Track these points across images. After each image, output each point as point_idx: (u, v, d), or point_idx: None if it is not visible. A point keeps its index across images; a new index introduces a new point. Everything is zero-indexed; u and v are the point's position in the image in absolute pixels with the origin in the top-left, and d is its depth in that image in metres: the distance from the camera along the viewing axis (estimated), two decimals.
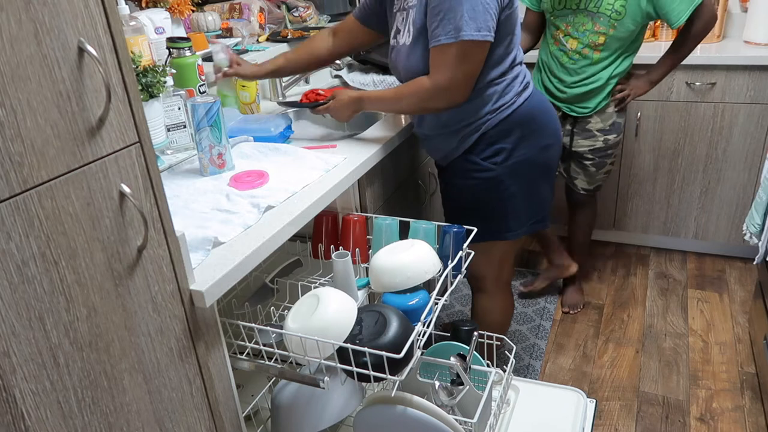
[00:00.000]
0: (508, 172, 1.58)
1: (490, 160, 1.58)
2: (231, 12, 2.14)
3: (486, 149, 1.57)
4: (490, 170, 1.58)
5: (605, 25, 2.03)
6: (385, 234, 1.42)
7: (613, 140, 2.26)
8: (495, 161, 1.57)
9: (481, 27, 1.37)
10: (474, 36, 1.37)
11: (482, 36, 1.38)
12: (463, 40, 1.37)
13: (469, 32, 1.37)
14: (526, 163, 1.59)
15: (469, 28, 1.36)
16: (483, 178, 1.60)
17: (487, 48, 1.44)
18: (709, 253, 2.89)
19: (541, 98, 1.64)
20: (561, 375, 2.21)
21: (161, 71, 1.43)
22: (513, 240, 1.70)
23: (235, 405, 1.18)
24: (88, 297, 0.83)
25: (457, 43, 1.38)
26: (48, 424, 0.80)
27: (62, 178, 0.78)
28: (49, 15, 0.74)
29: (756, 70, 2.41)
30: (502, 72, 1.52)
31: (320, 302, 1.11)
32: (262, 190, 1.32)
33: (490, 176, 1.59)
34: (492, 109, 1.54)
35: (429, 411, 1.16)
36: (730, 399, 2.05)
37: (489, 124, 1.55)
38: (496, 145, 1.56)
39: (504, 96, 1.54)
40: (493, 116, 1.54)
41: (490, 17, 1.38)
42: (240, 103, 1.92)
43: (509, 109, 1.54)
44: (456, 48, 1.39)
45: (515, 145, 1.56)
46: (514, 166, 1.58)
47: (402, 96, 1.52)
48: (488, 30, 1.39)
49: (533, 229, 1.71)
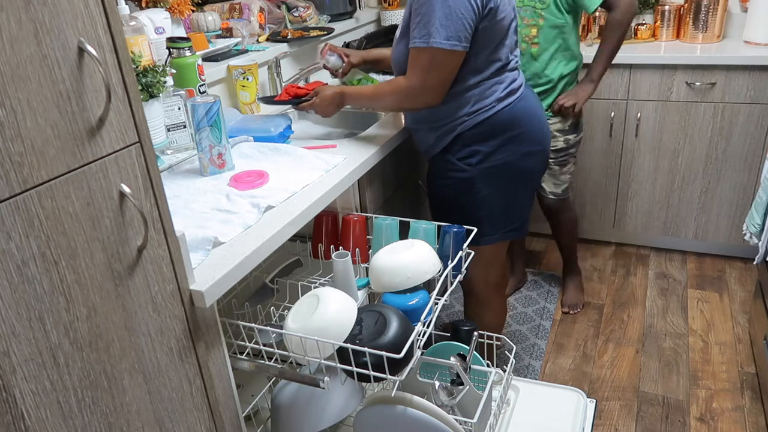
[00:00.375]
0: (481, 175, 1.58)
1: (464, 160, 1.59)
2: (231, 12, 2.14)
3: (461, 150, 1.58)
4: (464, 171, 1.59)
5: (532, 16, 2.09)
6: (385, 234, 1.42)
7: (574, 140, 2.29)
8: (469, 162, 1.58)
9: (451, 36, 1.39)
10: (442, 44, 1.39)
11: (451, 45, 1.40)
12: (432, 46, 1.40)
13: (438, 40, 1.39)
14: (503, 167, 1.59)
15: (439, 35, 1.38)
16: (457, 178, 1.61)
17: (460, 57, 1.44)
18: (709, 253, 2.89)
19: (530, 105, 1.63)
20: (561, 375, 2.21)
21: (161, 71, 1.43)
22: (494, 244, 1.69)
23: (235, 405, 1.18)
24: (88, 297, 0.83)
25: (428, 49, 1.41)
26: (48, 424, 0.80)
27: (62, 178, 0.78)
28: (49, 15, 0.74)
29: (756, 70, 2.41)
30: (482, 78, 1.52)
31: (320, 302, 1.11)
32: (262, 190, 1.32)
33: (463, 177, 1.60)
34: (469, 112, 1.54)
35: (429, 411, 1.16)
36: (730, 399, 2.05)
37: (465, 126, 1.55)
38: (471, 146, 1.57)
39: (483, 100, 1.54)
40: (470, 118, 1.55)
41: (463, 27, 1.39)
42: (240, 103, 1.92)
43: (487, 113, 1.54)
44: (427, 53, 1.42)
45: (494, 149, 1.57)
46: (489, 170, 1.58)
47: (380, 94, 1.56)
48: (459, 40, 1.40)
49: (509, 236, 1.70)
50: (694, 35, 2.71)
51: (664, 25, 2.79)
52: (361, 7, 2.91)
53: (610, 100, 2.66)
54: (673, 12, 2.76)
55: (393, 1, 2.87)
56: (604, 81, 2.62)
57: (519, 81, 1.61)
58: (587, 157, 2.81)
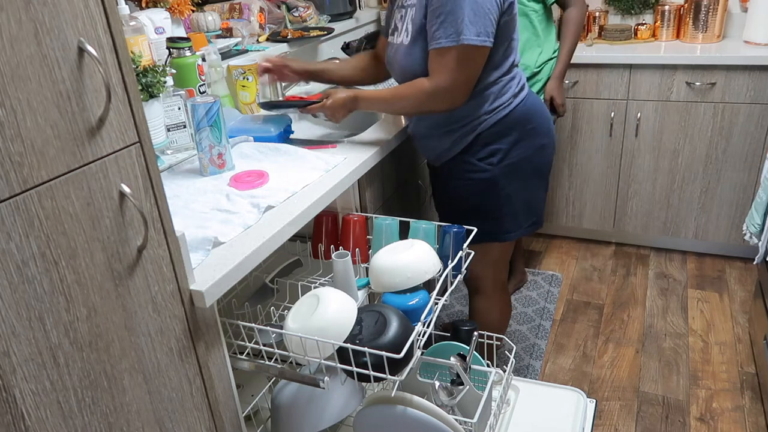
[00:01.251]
0: (503, 173, 1.58)
1: (486, 160, 1.58)
2: (231, 12, 2.14)
3: (481, 150, 1.57)
4: (486, 171, 1.58)
5: None
6: (385, 234, 1.42)
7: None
8: (491, 162, 1.57)
9: (481, 32, 1.38)
10: (474, 41, 1.38)
11: (481, 41, 1.39)
12: (463, 44, 1.38)
13: (469, 36, 1.37)
14: (521, 163, 1.59)
15: (469, 32, 1.37)
16: (479, 179, 1.60)
17: (487, 53, 1.44)
18: (709, 253, 2.89)
19: (536, 99, 1.64)
20: (561, 375, 2.21)
21: (161, 71, 1.43)
22: (511, 241, 1.70)
23: (235, 405, 1.18)
24: (88, 297, 0.83)
25: (458, 47, 1.38)
26: (48, 424, 0.80)
27: (62, 178, 0.78)
28: (49, 15, 0.74)
29: (756, 70, 2.41)
30: (500, 74, 1.52)
31: (320, 302, 1.11)
32: (262, 190, 1.32)
33: (485, 177, 1.59)
34: (488, 110, 1.54)
35: (429, 411, 1.16)
36: (730, 399, 2.05)
37: (485, 125, 1.55)
38: (492, 145, 1.57)
39: (501, 97, 1.54)
40: (490, 117, 1.54)
41: (489, 22, 1.39)
42: (240, 103, 1.92)
43: (506, 110, 1.55)
44: (456, 51, 1.39)
45: (511, 145, 1.57)
46: (509, 167, 1.58)
47: (400, 97, 1.51)
48: (487, 35, 1.40)
49: (531, 230, 1.71)
50: (694, 35, 2.71)
51: (664, 25, 2.79)
52: (361, 7, 2.91)
53: (610, 100, 2.66)
54: (673, 12, 2.76)
55: None
56: (604, 81, 2.63)
57: (523, 76, 1.62)
58: (587, 157, 2.81)
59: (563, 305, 2.59)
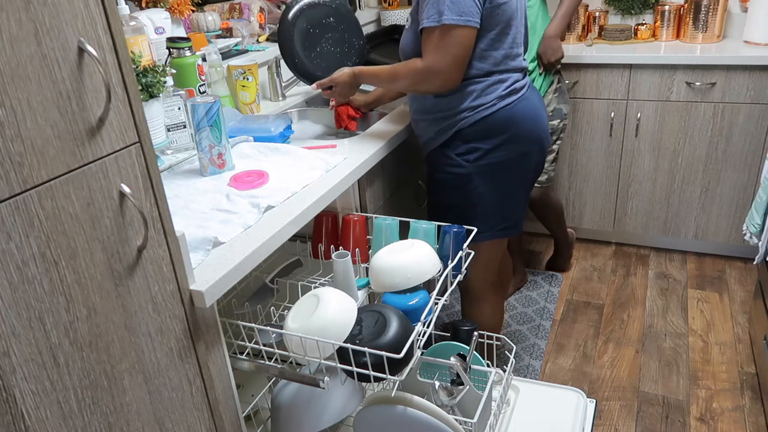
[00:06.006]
0: (479, 172, 1.60)
1: (463, 156, 1.60)
2: (231, 12, 2.14)
3: (461, 146, 1.60)
4: (462, 166, 1.60)
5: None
6: (385, 234, 1.42)
7: (557, 126, 2.37)
8: (467, 158, 1.60)
9: (463, 12, 1.43)
10: (455, 20, 1.42)
11: (464, 21, 1.43)
12: (444, 23, 1.43)
13: (450, 16, 1.42)
14: (500, 166, 1.60)
15: (450, 12, 1.42)
16: (454, 173, 1.62)
17: (473, 34, 1.47)
18: (709, 253, 2.89)
19: (531, 106, 1.63)
20: (561, 375, 2.21)
21: (161, 71, 1.43)
22: (490, 241, 1.70)
23: (235, 405, 1.18)
24: (88, 297, 0.83)
25: (439, 27, 1.44)
26: (48, 424, 0.80)
27: (62, 178, 0.78)
28: (49, 15, 0.74)
29: (756, 70, 2.41)
30: (486, 72, 1.54)
31: (320, 302, 1.11)
32: (262, 190, 1.32)
33: (460, 172, 1.61)
34: (469, 107, 1.56)
35: (429, 411, 1.16)
36: (730, 399, 2.05)
37: (465, 122, 1.57)
38: (471, 143, 1.59)
39: (483, 96, 1.55)
40: (470, 115, 1.56)
41: (472, 3, 1.43)
42: (240, 103, 1.92)
43: (487, 111, 1.56)
44: (439, 31, 1.45)
45: (493, 147, 1.58)
46: (487, 167, 1.60)
47: (396, 75, 1.58)
48: (471, 15, 1.44)
49: (502, 234, 1.71)
50: (694, 35, 2.71)
51: (664, 25, 2.79)
52: (361, 7, 2.91)
53: (610, 100, 2.66)
54: (673, 12, 2.76)
55: (393, 1, 2.87)
56: (604, 81, 2.63)
57: (523, 83, 1.62)
58: (587, 157, 2.81)
59: (563, 305, 2.60)
